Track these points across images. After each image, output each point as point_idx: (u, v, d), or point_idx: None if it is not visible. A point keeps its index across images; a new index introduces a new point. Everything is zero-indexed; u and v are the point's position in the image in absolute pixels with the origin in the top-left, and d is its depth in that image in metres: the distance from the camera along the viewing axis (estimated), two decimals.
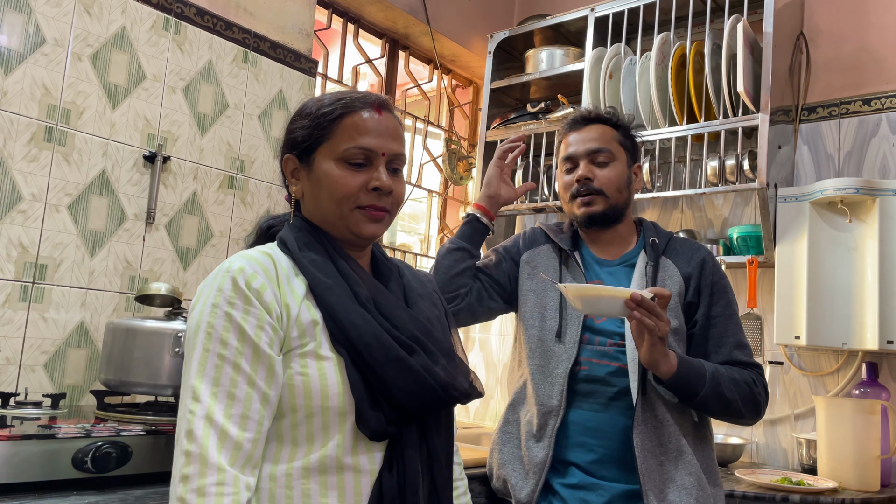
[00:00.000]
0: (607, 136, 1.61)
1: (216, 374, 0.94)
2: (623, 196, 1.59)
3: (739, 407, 1.46)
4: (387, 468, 1.00)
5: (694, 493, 1.42)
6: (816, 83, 2.51)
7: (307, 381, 0.98)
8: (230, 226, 2.20)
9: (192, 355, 0.96)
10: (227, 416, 0.93)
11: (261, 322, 0.97)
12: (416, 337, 1.04)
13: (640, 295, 1.31)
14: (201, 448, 0.91)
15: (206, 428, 0.91)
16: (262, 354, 0.96)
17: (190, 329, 0.98)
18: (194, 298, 1.01)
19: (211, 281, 1.00)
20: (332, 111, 1.08)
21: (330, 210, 1.07)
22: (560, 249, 1.64)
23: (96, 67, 1.91)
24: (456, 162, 3.10)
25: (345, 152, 1.06)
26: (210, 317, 0.96)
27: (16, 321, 1.75)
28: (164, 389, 1.63)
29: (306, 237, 1.07)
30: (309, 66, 2.45)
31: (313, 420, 0.98)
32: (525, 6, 3.34)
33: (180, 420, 0.94)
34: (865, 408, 1.99)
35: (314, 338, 1.00)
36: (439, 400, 1.03)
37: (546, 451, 1.50)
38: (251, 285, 0.98)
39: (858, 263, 2.17)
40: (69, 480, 1.25)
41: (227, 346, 0.95)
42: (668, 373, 1.39)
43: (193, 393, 0.94)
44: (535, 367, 1.56)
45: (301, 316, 1.00)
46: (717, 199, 2.63)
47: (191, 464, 0.90)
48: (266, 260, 1.02)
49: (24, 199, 1.77)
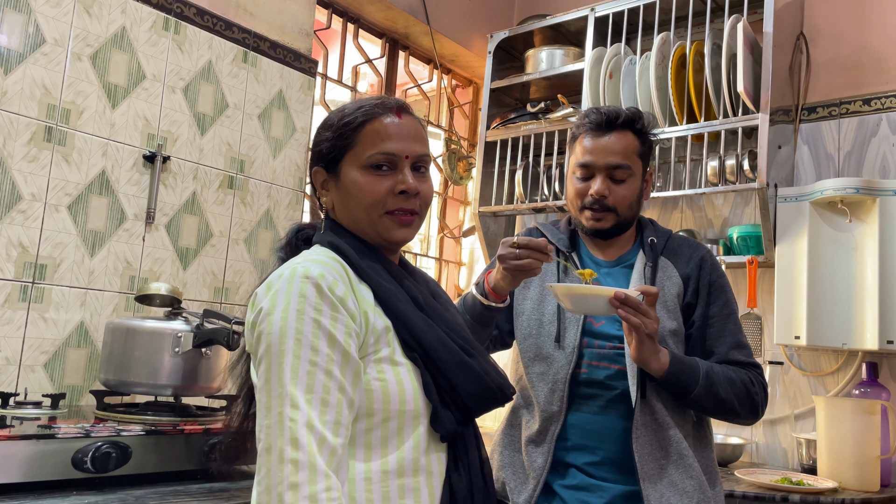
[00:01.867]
0: (629, 148, 1.52)
1: (309, 380, 0.94)
2: (633, 211, 1.56)
3: (735, 407, 1.44)
4: (454, 468, 1.04)
5: (695, 497, 1.42)
6: (816, 83, 2.51)
7: (385, 386, 1.00)
8: (230, 226, 2.20)
9: (283, 361, 0.95)
10: (323, 422, 0.93)
11: (348, 328, 0.98)
12: (468, 340, 1.09)
13: (623, 293, 1.32)
14: (309, 455, 0.90)
15: (309, 435, 0.91)
16: (351, 360, 0.98)
17: (272, 335, 0.96)
18: (265, 304, 0.98)
19: (286, 287, 0.98)
20: (353, 120, 1.09)
21: (360, 218, 1.09)
22: (558, 250, 1.62)
23: (96, 67, 1.91)
24: (456, 162, 3.10)
25: (369, 159, 1.07)
26: (297, 322, 0.96)
27: (16, 321, 1.75)
28: (163, 389, 1.63)
29: (356, 244, 1.09)
30: (309, 65, 2.45)
31: (389, 424, 1.00)
32: (525, 6, 3.34)
33: (273, 427, 0.92)
34: (865, 408, 1.99)
35: (388, 344, 1.02)
36: (496, 400, 1.07)
37: (546, 457, 1.49)
38: (335, 292, 0.98)
39: (858, 263, 2.17)
40: (69, 480, 1.25)
41: (319, 352, 0.95)
42: (659, 370, 1.39)
43: (291, 400, 0.93)
44: (536, 373, 1.55)
45: (375, 323, 1.02)
46: (717, 199, 2.63)
47: (300, 471, 0.90)
48: (339, 267, 1.03)
49: (23, 199, 1.77)
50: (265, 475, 0.91)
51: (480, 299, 1.45)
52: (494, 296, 1.45)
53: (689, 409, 1.49)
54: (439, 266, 3.25)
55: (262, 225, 2.30)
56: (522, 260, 1.37)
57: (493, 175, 2.89)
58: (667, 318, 1.50)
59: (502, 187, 2.87)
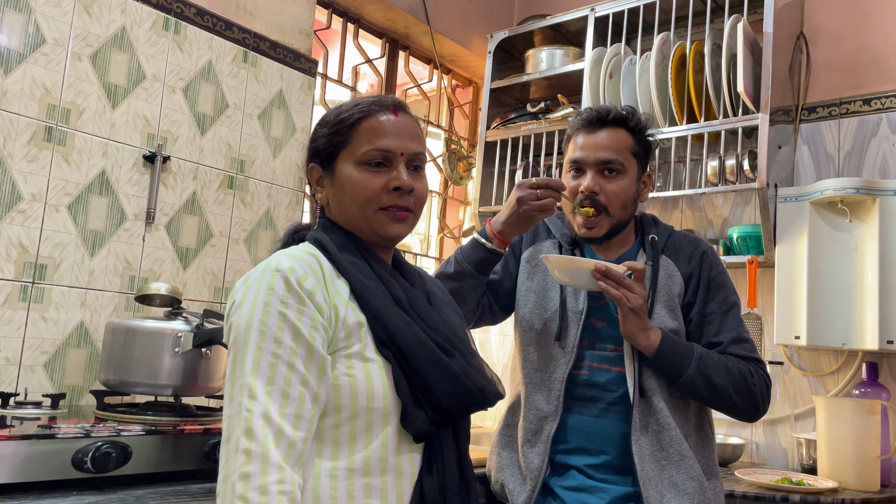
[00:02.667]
0: (621, 144, 1.51)
1: (271, 372, 0.94)
2: (627, 212, 1.53)
3: (730, 394, 1.42)
4: (427, 470, 1.02)
5: (696, 498, 1.41)
6: (816, 83, 2.51)
7: (353, 381, 0.99)
8: (230, 226, 2.20)
9: (246, 353, 0.95)
10: (282, 415, 0.93)
11: (314, 322, 0.98)
12: (450, 340, 1.07)
13: (604, 265, 1.36)
14: (262, 446, 0.91)
15: (264, 426, 0.92)
16: (315, 354, 0.97)
17: (239, 326, 0.97)
18: (238, 295, 1.00)
19: (258, 279, 0.99)
20: (349, 116, 1.10)
21: (354, 213, 1.09)
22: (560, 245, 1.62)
23: (96, 67, 1.91)
24: (456, 162, 3.10)
25: (364, 155, 1.08)
26: (263, 315, 0.96)
27: (16, 321, 1.75)
28: (163, 389, 1.63)
29: (341, 239, 1.09)
30: (309, 65, 2.45)
31: (357, 420, 0.99)
32: (525, 6, 3.34)
33: (232, 418, 0.93)
34: (865, 408, 1.99)
35: (359, 340, 1.02)
36: (475, 402, 1.05)
37: (542, 457, 1.48)
38: (303, 285, 0.99)
39: (858, 263, 2.17)
40: (69, 480, 1.25)
41: (282, 345, 0.96)
42: (647, 347, 1.40)
43: (249, 391, 0.93)
44: (533, 370, 1.54)
45: (347, 318, 1.02)
46: (717, 199, 2.63)
47: (251, 462, 0.90)
48: (312, 260, 1.03)
49: (23, 199, 1.77)
50: (224, 464, 0.92)
51: (484, 242, 1.48)
52: (500, 240, 1.48)
53: (689, 408, 1.49)
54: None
55: (262, 225, 2.30)
56: (543, 200, 1.42)
57: (493, 175, 2.89)
58: (668, 318, 1.49)
59: (502, 187, 2.87)
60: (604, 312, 1.52)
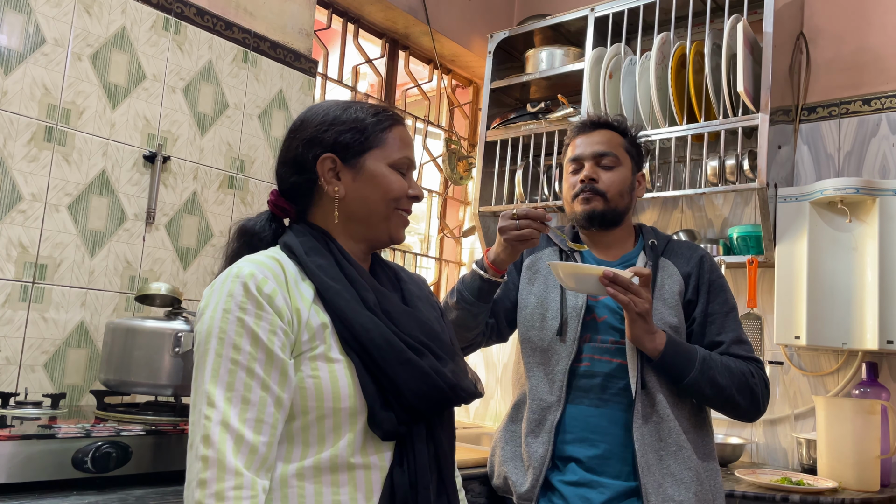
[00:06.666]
0: (614, 141, 1.63)
1: (230, 378, 0.96)
2: (624, 201, 1.62)
3: (733, 394, 1.47)
4: (398, 463, 1.03)
5: (693, 488, 1.45)
6: (816, 83, 2.51)
7: (318, 383, 1.00)
8: (230, 226, 2.20)
9: (205, 361, 0.97)
10: (242, 420, 0.94)
11: (273, 327, 0.98)
12: (422, 339, 1.07)
13: (612, 272, 1.39)
14: (218, 453, 0.92)
15: (222, 433, 0.93)
16: (275, 359, 0.98)
17: (200, 334, 0.99)
18: (202, 303, 1.02)
19: (220, 286, 1.01)
20: (381, 121, 1.15)
21: (378, 208, 1.13)
22: (561, 251, 1.67)
23: (96, 67, 1.91)
24: (456, 162, 3.10)
25: (397, 161, 1.14)
26: (222, 322, 0.98)
27: (16, 321, 1.75)
28: (164, 389, 1.63)
29: (311, 242, 1.09)
30: (309, 66, 2.45)
31: (325, 421, 1.00)
32: (525, 6, 3.34)
33: (194, 425, 0.95)
34: (865, 408, 1.99)
35: (324, 341, 1.02)
36: (447, 400, 1.06)
37: (546, 447, 1.52)
38: (262, 290, 0.99)
39: (858, 263, 2.17)
40: (69, 480, 1.25)
41: (241, 350, 0.97)
42: (653, 350, 1.45)
43: (208, 398, 0.95)
44: (536, 365, 1.59)
45: (311, 320, 1.02)
46: (717, 199, 2.63)
47: (208, 469, 0.91)
48: (274, 265, 1.04)
49: (24, 199, 1.77)
50: (187, 470, 0.94)
51: (480, 273, 1.53)
52: (494, 269, 1.53)
53: (688, 401, 1.52)
54: (439, 266, 3.25)
55: None
56: (522, 230, 1.46)
57: (493, 175, 2.90)
58: (668, 315, 1.54)
59: (502, 187, 2.87)
60: (603, 307, 1.57)
